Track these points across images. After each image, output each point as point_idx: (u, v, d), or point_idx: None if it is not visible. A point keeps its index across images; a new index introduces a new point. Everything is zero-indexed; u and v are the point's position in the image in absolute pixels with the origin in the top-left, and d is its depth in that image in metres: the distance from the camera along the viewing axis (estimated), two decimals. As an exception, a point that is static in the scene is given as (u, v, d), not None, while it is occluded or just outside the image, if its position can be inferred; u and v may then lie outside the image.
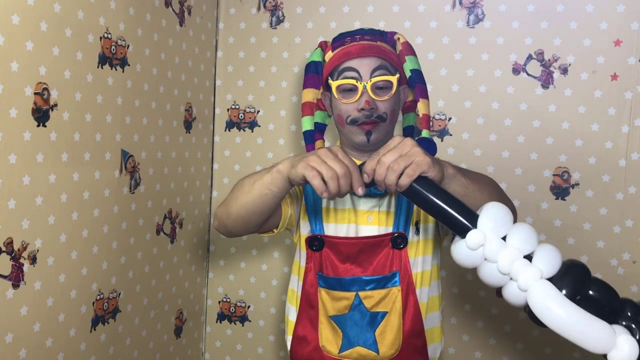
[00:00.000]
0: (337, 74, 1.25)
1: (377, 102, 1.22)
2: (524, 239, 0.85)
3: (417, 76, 1.26)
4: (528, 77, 1.75)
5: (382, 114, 1.22)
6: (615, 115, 1.69)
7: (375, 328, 1.24)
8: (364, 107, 1.20)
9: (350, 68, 1.23)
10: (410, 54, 1.28)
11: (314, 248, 1.27)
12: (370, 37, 1.27)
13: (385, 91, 1.23)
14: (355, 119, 1.23)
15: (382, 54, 1.24)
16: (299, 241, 1.33)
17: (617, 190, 1.70)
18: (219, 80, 2.03)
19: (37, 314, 1.28)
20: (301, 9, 1.92)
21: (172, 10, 1.74)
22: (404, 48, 1.28)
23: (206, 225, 2.05)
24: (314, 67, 1.31)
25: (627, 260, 1.71)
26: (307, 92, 1.32)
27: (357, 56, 1.23)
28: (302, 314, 1.29)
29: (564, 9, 1.71)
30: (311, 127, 1.32)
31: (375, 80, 1.21)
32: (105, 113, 1.45)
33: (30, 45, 1.19)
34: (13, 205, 1.18)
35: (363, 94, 1.21)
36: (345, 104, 1.23)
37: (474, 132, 1.80)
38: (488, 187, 1.09)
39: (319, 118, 1.38)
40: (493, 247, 0.84)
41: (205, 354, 2.10)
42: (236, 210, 1.17)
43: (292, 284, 1.36)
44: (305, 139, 1.32)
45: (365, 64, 1.22)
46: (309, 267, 1.28)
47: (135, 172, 1.60)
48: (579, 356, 1.76)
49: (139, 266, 1.66)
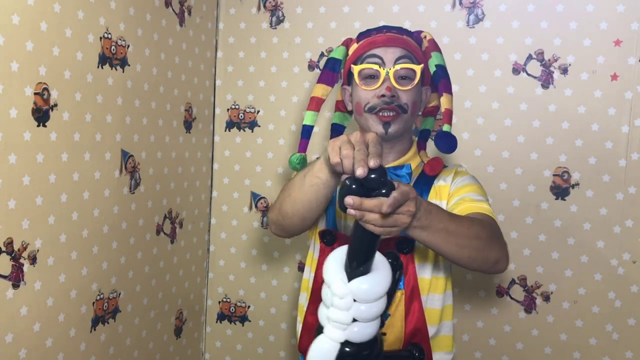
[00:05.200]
0: (360, 61, 1.24)
1: (399, 91, 1.20)
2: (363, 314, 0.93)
3: (442, 71, 1.25)
4: (528, 77, 1.75)
5: (404, 104, 1.20)
6: (615, 115, 1.69)
7: None
8: (384, 94, 1.18)
9: (375, 55, 1.22)
10: (435, 50, 1.27)
11: (325, 241, 1.27)
12: (397, 31, 1.26)
13: (408, 81, 1.21)
14: (373, 106, 1.20)
15: (407, 46, 1.23)
16: (314, 234, 1.33)
17: (617, 190, 1.70)
18: (219, 80, 2.03)
19: (37, 314, 1.27)
20: (301, 9, 1.92)
21: (172, 10, 1.74)
22: (430, 45, 1.27)
23: (206, 225, 2.05)
24: (331, 64, 1.30)
25: (627, 260, 1.71)
26: (319, 87, 1.30)
27: (382, 45, 1.22)
28: (312, 304, 1.29)
29: (564, 9, 1.71)
30: (312, 123, 1.31)
31: (399, 67, 1.20)
32: (105, 113, 1.45)
33: (30, 45, 1.19)
34: (13, 205, 1.18)
35: (385, 81, 1.20)
36: (365, 91, 1.21)
37: (474, 132, 1.80)
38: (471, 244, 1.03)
39: (338, 119, 1.37)
40: (337, 303, 0.93)
41: (205, 354, 2.10)
42: (291, 208, 1.14)
43: (305, 273, 1.37)
44: (302, 132, 1.31)
45: (390, 52, 1.21)
46: (321, 260, 1.28)
47: (135, 172, 1.60)
48: (579, 356, 1.76)
49: (139, 266, 1.66)
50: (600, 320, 1.74)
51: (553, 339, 1.78)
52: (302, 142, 1.31)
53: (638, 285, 1.71)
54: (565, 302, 1.77)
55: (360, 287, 0.92)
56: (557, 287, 1.77)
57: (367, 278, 0.92)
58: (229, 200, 2.04)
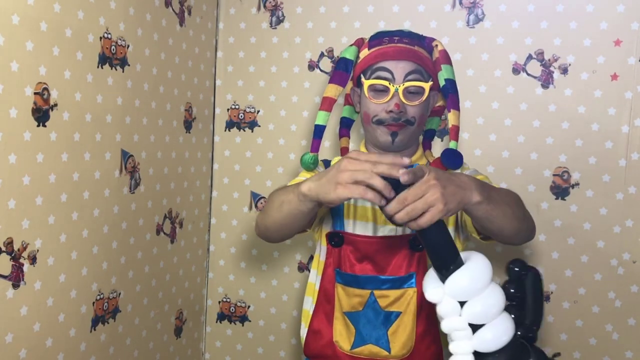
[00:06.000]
0: (370, 72, 1.25)
1: (407, 106, 1.22)
2: (480, 312, 0.88)
3: (451, 86, 1.26)
4: (528, 77, 1.75)
5: (411, 118, 1.23)
6: (615, 115, 1.69)
7: (388, 327, 1.24)
8: (392, 110, 1.21)
9: (385, 68, 1.23)
10: (446, 62, 1.27)
11: (333, 244, 1.28)
12: (409, 41, 1.26)
13: (417, 96, 1.23)
14: (381, 120, 1.23)
15: (418, 59, 1.24)
16: (320, 236, 1.34)
17: (617, 190, 1.70)
18: (219, 80, 2.03)
19: (37, 314, 1.27)
20: (301, 9, 1.92)
21: (172, 10, 1.74)
22: (441, 56, 1.27)
23: (206, 225, 2.05)
24: (344, 65, 1.30)
25: (627, 260, 1.71)
26: (331, 87, 1.31)
27: (392, 58, 1.23)
28: (318, 308, 1.30)
29: (564, 9, 1.71)
30: (324, 122, 1.31)
31: (408, 85, 1.22)
32: (105, 113, 1.45)
33: (30, 45, 1.19)
34: (13, 205, 1.18)
35: (394, 97, 1.22)
36: (374, 104, 1.24)
37: (474, 132, 1.80)
38: (511, 209, 1.06)
39: (347, 113, 1.39)
40: (444, 310, 0.90)
41: (205, 354, 2.10)
42: (272, 225, 1.16)
43: (311, 277, 1.37)
44: (314, 132, 1.32)
45: (400, 67, 1.22)
46: (328, 262, 1.29)
47: (135, 172, 1.60)
48: (579, 356, 1.76)
49: (139, 266, 1.66)
50: (600, 320, 1.74)
51: (553, 339, 1.78)
52: (315, 142, 1.32)
53: (638, 285, 1.71)
54: (565, 302, 1.77)
55: (457, 284, 0.87)
56: (557, 287, 1.77)
57: (461, 272, 0.88)
58: (229, 200, 2.04)
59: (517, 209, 1.08)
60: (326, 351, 1.28)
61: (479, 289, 0.87)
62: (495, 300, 0.88)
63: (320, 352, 1.30)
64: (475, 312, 0.87)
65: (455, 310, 0.88)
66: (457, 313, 0.88)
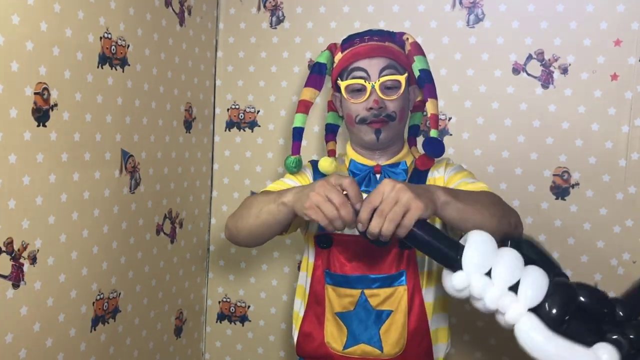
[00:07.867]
0: (346, 74, 1.27)
1: (386, 101, 1.24)
2: (508, 271, 0.90)
3: (426, 76, 1.27)
4: (528, 77, 1.75)
5: (391, 112, 1.24)
6: (615, 115, 1.69)
7: (380, 326, 1.24)
8: (372, 107, 1.22)
9: (359, 68, 1.25)
10: (419, 53, 1.28)
11: (323, 246, 1.28)
12: (379, 38, 1.28)
13: (394, 90, 1.25)
14: (364, 118, 1.25)
15: (391, 54, 1.26)
16: (308, 239, 1.34)
17: (617, 190, 1.70)
18: (219, 80, 2.03)
19: (37, 314, 1.27)
20: (301, 9, 1.92)
21: (172, 10, 1.74)
22: (413, 48, 1.28)
23: (206, 225, 2.05)
24: (317, 68, 1.33)
25: (627, 260, 1.71)
26: (306, 90, 1.34)
27: (365, 56, 1.25)
28: (309, 310, 1.30)
29: (564, 9, 1.71)
30: (302, 124, 1.34)
31: (384, 80, 1.23)
32: (105, 113, 1.45)
33: (30, 45, 1.19)
34: (13, 205, 1.18)
35: (372, 94, 1.23)
36: (354, 104, 1.26)
37: (474, 132, 1.80)
38: (486, 207, 1.08)
39: (332, 119, 1.42)
40: (478, 288, 0.91)
41: (205, 354, 2.10)
42: (245, 231, 1.21)
43: (300, 280, 1.37)
44: (293, 135, 1.35)
45: (373, 64, 1.24)
46: (317, 264, 1.29)
47: (135, 172, 1.60)
48: (579, 356, 1.76)
49: (139, 266, 1.66)
50: (600, 320, 1.74)
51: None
52: (295, 145, 1.35)
53: (638, 285, 1.71)
54: (565, 302, 1.76)
55: (473, 260, 0.91)
56: (557, 287, 1.77)
57: (468, 249, 0.92)
58: (229, 200, 2.04)
59: (493, 207, 1.09)
60: (319, 352, 1.29)
61: (491, 252, 0.91)
62: (511, 255, 0.91)
63: (312, 354, 1.30)
64: (503, 273, 0.89)
65: (486, 282, 0.90)
66: (490, 283, 0.90)
